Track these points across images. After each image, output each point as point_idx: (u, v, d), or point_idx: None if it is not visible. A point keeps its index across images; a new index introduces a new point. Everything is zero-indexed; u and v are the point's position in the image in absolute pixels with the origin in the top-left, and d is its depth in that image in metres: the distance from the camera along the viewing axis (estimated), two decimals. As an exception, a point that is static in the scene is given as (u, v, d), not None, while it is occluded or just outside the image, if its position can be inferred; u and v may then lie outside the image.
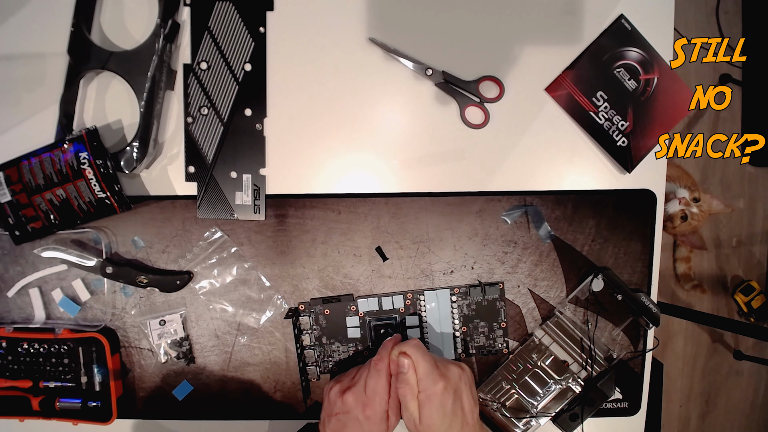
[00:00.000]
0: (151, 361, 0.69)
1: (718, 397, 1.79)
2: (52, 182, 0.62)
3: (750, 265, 1.82)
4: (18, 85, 0.66)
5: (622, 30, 0.66)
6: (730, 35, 1.56)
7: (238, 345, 0.69)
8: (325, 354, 0.69)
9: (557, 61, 0.67)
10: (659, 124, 0.68)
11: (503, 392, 0.68)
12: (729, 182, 1.74)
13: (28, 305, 0.68)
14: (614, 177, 0.69)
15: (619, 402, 0.70)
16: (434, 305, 0.68)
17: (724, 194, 1.75)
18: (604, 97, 0.67)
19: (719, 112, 1.59)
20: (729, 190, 1.75)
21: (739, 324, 1.37)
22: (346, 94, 0.67)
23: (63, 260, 0.65)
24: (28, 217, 0.63)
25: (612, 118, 0.67)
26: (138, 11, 0.66)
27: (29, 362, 0.66)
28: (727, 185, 1.75)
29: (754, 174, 1.68)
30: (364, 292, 0.69)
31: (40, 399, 0.66)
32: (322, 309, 0.68)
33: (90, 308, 0.68)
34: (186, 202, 0.67)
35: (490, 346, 0.69)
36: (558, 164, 0.69)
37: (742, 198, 1.76)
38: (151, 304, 0.68)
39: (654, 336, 0.70)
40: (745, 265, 1.82)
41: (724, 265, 1.81)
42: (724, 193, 1.75)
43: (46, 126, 0.65)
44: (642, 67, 0.67)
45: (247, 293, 0.68)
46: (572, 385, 0.68)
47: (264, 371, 0.69)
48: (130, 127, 0.67)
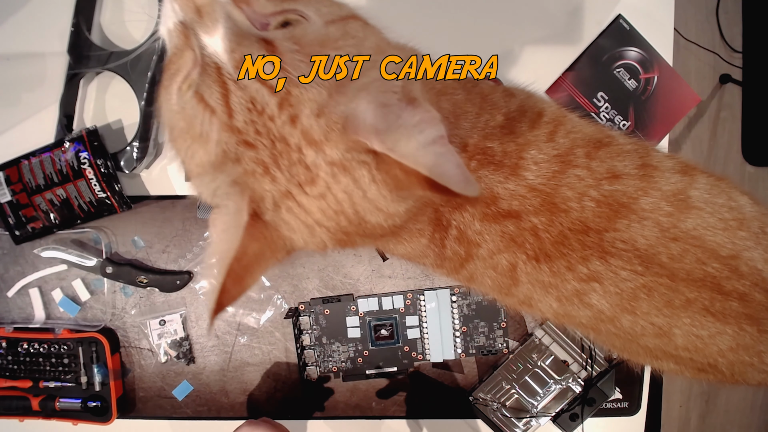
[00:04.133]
0: (151, 361, 0.69)
1: (718, 397, 1.79)
2: (53, 182, 0.62)
3: (750, 265, 1.81)
4: (18, 85, 0.66)
5: (621, 30, 0.66)
6: (730, 35, 1.56)
7: (238, 345, 0.69)
8: (325, 354, 0.69)
9: (557, 62, 0.67)
10: (661, 123, 0.68)
11: (503, 392, 0.68)
12: (751, 192, 1.74)
13: (28, 305, 0.68)
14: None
15: (619, 402, 0.70)
16: (434, 305, 0.68)
17: (724, 194, 1.75)
18: (604, 98, 0.67)
19: (719, 112, 1.59)
20: (729, 190, 1.75)
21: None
22: (346, 94, 0.67)
23: (63, 260, 0.65)
24: (28, 217, 0.63)
25: (613, 118, 0.67)
26: (138, 11, 0.66)
27: (29, 362, 0.66)
28: (727, 185, 1.75)
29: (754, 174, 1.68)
30: (364, 292, 0.69)
31: (40, 399, 0.66)
32: (322, 309, 0.68)
33: (90, 308, 0.68)
34: (186, 202, 0.67)
35: (490, 346, 0.69)
36: (558, 164, 0.69)
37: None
38: (151, 304, 0.68)
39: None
40: (745, 265, 1.81)
41: (724, 265, 1.81)
42: (724, 193, 1.75)
43: (46, 126, 0.65)
44: (642, 66, 0.67)
45: (247, 293, 0.68)
46: (572, 385, 0.68)
47: (264, 371, 0.69)
48: (130, 127, 0.67)
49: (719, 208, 0.47)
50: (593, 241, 0.45)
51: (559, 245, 0.46)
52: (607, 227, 0.45)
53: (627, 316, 0.48)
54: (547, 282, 0.48)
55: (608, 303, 0.47)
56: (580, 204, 0.45)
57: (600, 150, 0.48)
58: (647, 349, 0.54)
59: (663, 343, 0.50)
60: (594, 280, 0.46)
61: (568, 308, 0.49)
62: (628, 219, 0.45)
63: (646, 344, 0.52)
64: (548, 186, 0.46)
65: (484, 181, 0.46)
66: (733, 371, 0.52)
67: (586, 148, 0.47)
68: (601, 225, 0.45)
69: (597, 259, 0.46)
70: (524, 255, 0.47)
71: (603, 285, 0.47)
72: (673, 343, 0.49)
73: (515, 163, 0.46)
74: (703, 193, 0.47)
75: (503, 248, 0.47)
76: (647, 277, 0.46)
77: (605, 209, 0.45)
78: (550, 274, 0.47)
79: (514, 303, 0.53)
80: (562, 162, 0.46)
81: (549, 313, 0.51)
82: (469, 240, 0.47)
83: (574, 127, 0.49)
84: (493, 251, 0.47)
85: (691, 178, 0.48)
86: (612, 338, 0.55)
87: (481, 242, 0.47)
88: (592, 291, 0.47)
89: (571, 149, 0.47)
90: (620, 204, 0.45)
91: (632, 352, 0.57)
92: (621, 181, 0.46)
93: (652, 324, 0.48)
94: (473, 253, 0.48)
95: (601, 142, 0.48)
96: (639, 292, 0.46)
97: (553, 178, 0.46)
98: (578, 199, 0.45)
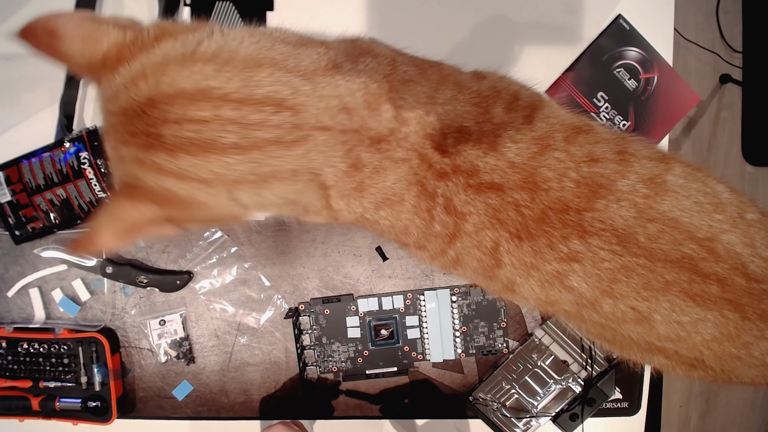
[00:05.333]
0: (151, 361, 0.69)
1: (718, 397, 1.79)
2: (53, 182, 0.62)
3: (750, 265, 1.81)
4: (18, 85, 0.66)
5: (621, 30, 0.66)
6: (730, 35, 1.56)
7: (238, 345, 0.69)
8: (325, 354, 0.69)
9: (557, 62, 0.67)
10: (661, 123, 0.68)
11: (503, 392, 0.68)
12: (729, 182, 1.74)
13: (28, 305, 0.68)
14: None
15: (619, 402, 0.70)
16: (434, 305, 0.68)
17: (724, 194, 1.75)
18: (604, 98, 0.67)
19: (719, 112, 1.59)
20: (729, 190, 1.75)
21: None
22: (346, 94, 0.67)
23: (63, 260, 0.65)
24: (28, 217, 0.63)
25: (613, 119, 0.67)
26: (138, 11, 0.66)
27: (29, 362, 0.66)
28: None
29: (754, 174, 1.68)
30: (364, 292, 0.69)
31: (40, 399, 0.66)
32: (322, 309, 0.68)
33: (90, 308, 0.68)
34: (186, 202, 0.67)
35: (490, 346, 0.69)
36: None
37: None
38: (151, 304, 0.68)
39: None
40: (745, 265, 1.81)
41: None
42: (724, 193, 1.75)
43: (46, 126, 0.65)
44: (642, 66, 0.67)
45: (247, 293, 0.68)
46: (572, 385, 0.68)
47: (264, 371, 0.69)
48: (130, 127, 0.67)
49: (695, 192, 0.48)
50: (573, 220, 0.46)
51: (541, 222, 0.47)
52: (586, 207, 0.46)
53: (607, 299, 0.49)
54: (529, 263, 0.48)
55: (588, 285, 0.48)
56: (560, 184, 0.46)
57: (579, 136, 0.49)
58: (633, 341, 0.54)
59: (645, 332, 0.51)
60: (574, 260, 0.47)
61: (549, 292, 0.50)
62: (606, 199, 0.46)
63: (630, 334, 0.52)
64: (528, 166, 0.47)
65: (462, 155, 0.47)
66: (722, 366, 0.52)
67: (564, 133, 0.49)
68: (581, 204, 0.46)
69: (577, 238, 0.47)
70: (507, 233, 0.48)
71: (583, 266, 0.47)
72: (655, 331, 0.50)
73: (492, 141, 0.47)
74: (679, 179, 0.48)
75: (488, 223, 0.48)
76: (625, 257, 0.46)
77: (584, 189, 0.46)
78: (531, 254, 0.48)
79: (498, 288, 0.53)
80: (541, 145, 0.47)
81: (532, 298, 0.52)
82: (456, 210, 0.48)
83: (553, 113, 0.50)
84: (479, 226, 0.48)
85: (667, 165, 0.49)
86: (598, 329, 0.56)
87: (467, 214, 0.48)
88: (572, 272, 0.48)
89: (549, 133, 0.48)
90: (599, 185, 0.47)
91: (622, 345, 0.57)
92: (599, 164, 0.47)
93: (632, 308, 0.49)
94: (460, 227, 0.49)
95: (580, 129, 0.50)
96: (618, 274, 0.47)
97: (533, 159, 0.47)
98: (558, 180, 0.46)
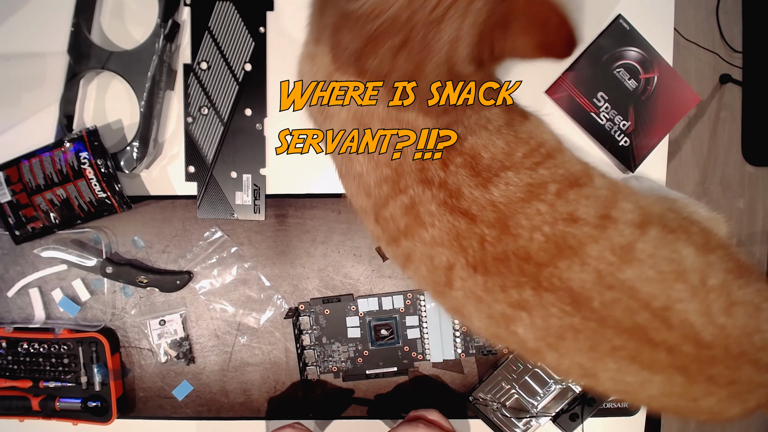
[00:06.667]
0: (151, 361, 0.69)
1: (718, 397, 1.79)
2: (53, 182, 0.62)
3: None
4: (18, 85, 0.66)
5: (621, 30, 0.66)
6: (730, 35, 1.56)
7: (238, 345, 0.69)
8: (325, 354, 0.69)
9: (557, 62, 0.67)
10: (661, 123, 0.68)
11: (503, 392, 0.68)
12: (729, 182, 1.74)
13: (28, 305, 0.68)
14: (617, 176, 0.69)
15: (619, 402, 0.70)
16: (434, 305, 0.68)
17: (724, 194, 1.75)
18: (604, 98, 0.67)
19: (719, 112, 1.59)
20: (729, 190, 1.75)
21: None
22: (346, 94, 0.67)
23: (63, 260, 0.65)
24: (28, 217, 0.63)
25: (613, 119, 0.67)
26: (138, 11, 0.66)
27: (29, 362, 0.66)
28: (727, 185, 1.75)
29: (754, 174, 1.68)
30: (364, 292, 0.69)
31: (40, 399, 0.66)
32: (322, 309, 0.68)
33: (90, 308, 0.68)
34: (186, 202, 0.67)
35: (490, 345, 0.69)
36: (558, 164, 0.69)
37: (742, 198, 1.76)
38: (151, 304, 0.68)
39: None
40: (745, 264, 1.81)
41: (724, 265, 1.81)
42: (724, 193, 1.75)
43: (46, 126, 0.65)
44: (642, 66, 0.67)
45: (247, 293, 0.68)
46: (572, 385, 0.68)
47: (264, 371, 0.69)
48: (130, 127, 0.67)
49: (660, 261, 0.48)
50: (531, 271, 0.47)
51: (499, 263, 0.47)
52: (548, 262, 0.47)
53: (552, 353, 0.50)
54: (478, 296, 0.49)
55: (533, 336, 0.49)
56: (530, 234, 0.47)
57: (572, 190, 0.49)
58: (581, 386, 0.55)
59: (592, 384, 0.51)
60: (523, 308, 0.48)
61: (496, 330, 0.51)
62: (570, 260, 0.47)
63: (577, 382, 0.54)
64: (508, 209, 0.47)
65: (458, 176, 0.48)
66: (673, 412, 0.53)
67: (559, 185, 0.49)
68: (543, 259, 0.47)
69: (530, 289, 0.47)
70: (464, 259, 0.48)
71: (531, 316, 0.48)
72: (601, 385, 0.51)
73: (490, 177, 0.48)
74: (649, 246, 0.48)
75: (447, 243, 0.48)
76: (575, 318, 0.47)
77: (552, 246, 0.47)
78: (483, 288, 0.48)
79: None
80: (531, 192, 0.48)
81: (481, 329, 0.53)
82: (417, 216, 0.48)
83: (563, 163, 0.51)
84: (437, 241, 0.48)
85: (642, 231, 0.49)
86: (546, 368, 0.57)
87: (428, 225, 0.48)
88: (519, 320, 0.48)
89: (544, 183, 0.49)
90: (567, 245, 0.47)
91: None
92: (576, 225, 0.48)
93: (578, 365, 0.49)
94: (415, 232, 0.49)
95: (577, 182, 0.50)
96: (566, 332, 0.47)
97: (515, 204, 0.47)
98: (530, 230, 0.47)
